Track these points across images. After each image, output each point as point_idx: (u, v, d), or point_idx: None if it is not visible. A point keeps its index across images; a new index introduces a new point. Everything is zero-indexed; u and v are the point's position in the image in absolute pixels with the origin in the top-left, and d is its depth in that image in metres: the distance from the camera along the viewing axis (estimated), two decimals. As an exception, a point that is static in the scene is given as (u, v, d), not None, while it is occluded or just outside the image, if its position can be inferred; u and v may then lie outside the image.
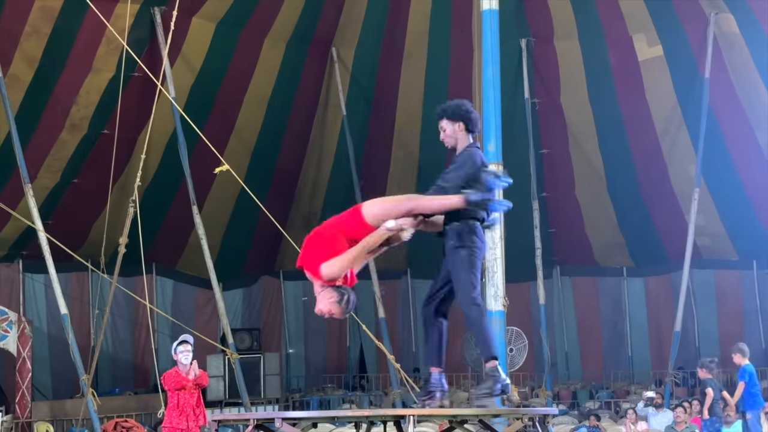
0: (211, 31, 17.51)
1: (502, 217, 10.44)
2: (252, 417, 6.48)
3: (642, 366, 21.52)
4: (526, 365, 17.64)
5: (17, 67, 16.03)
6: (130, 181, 15.05)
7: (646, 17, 18.17)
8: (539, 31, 18.93)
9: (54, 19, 15.83)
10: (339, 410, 6.71)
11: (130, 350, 20.41)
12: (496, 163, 11.50)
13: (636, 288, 22.04)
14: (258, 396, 18.40)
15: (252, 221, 19.31)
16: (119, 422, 13.72)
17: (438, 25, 18.91)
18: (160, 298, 20.52)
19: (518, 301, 19.74)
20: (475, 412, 6.55)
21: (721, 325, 20.96)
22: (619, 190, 20.33)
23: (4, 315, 16.35)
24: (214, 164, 12.75)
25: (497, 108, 11.60)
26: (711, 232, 19.84)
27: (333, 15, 18.77)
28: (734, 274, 20.86)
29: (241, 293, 22.19)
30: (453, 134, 6.40)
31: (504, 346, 11.44)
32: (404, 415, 6.18)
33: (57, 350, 18.02)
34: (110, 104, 16.27)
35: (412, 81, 19.63)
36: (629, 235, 21.11)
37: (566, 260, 22.01)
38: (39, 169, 17.03)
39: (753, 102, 18.19)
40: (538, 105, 19.31)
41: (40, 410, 16.49)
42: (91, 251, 15.87)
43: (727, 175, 19.00)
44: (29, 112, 16.43)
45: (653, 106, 19.13)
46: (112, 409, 16.36)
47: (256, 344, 19.35)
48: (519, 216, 17.92)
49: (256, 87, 18.73)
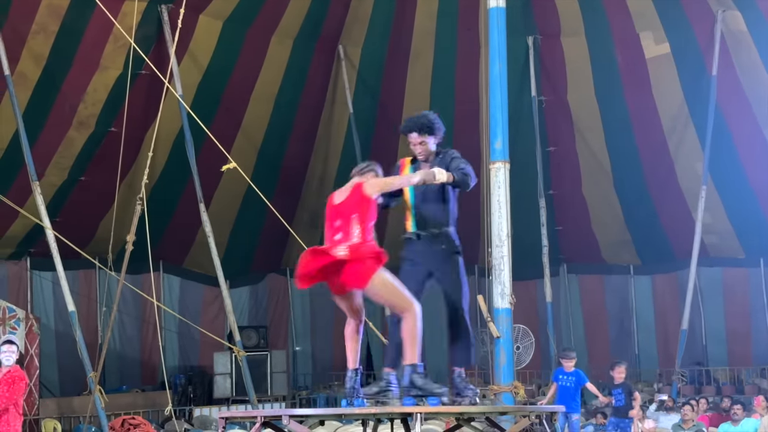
0: (219, 29, 17.51)
1: (509, 215, 10.45)
2: (259, 414, 6.50)
3: (649, 364, 21.48)
4: (532, 363, 17.67)
5: (24, 65, 16.05)
6: (137, 179, 15.08)
7: (653, 15, 18.14)
8: (546, 29, 18.91)
9: (61, 16, 15.85)
10: (346, 408, 6.71)
11: (137, 347, 20.44)
12: (502, 161, 11.51)
13: (643, 286, 22.01)
14: (265, 393, 18.43)
15: (259, 219, 19.33)
16: (127, 419, 13.77)
17: (445, 23, 18.90)
18: (167, 296, 20.56)
19: (525, 298, 19.73)
20: (483, 409, 6.58)
21: (728, 322, 20.92)
22: (626, 187, 20.30)
23: (12, 312, 16.40)
24: (221, 162, 12.75)
25: (504, 105, 11.57)
26: (718, 229, 19.80)
27: (340, 12, 18.77)
28: (741, 271, 20.81)
29: (248, 291, 22.21)
30: (430, 146, 7.00)
31: (511, 343, 11.43)
32: (411, 413, 6.19)
33: (64, 347, 18.04)
34: (117, 102, 16.29)
35: (419, 78, 19.62)
36: (636, 232, 21.09)
37: (573, 258, 21.99)
38: (46, 167, 17.06)
39: (760, 100, 18.15)
40: (544, 102, 19.29)
41: (48, 407, 16.52)
42: (98, 249, 15.91)
43: (734, 173, 18.97)
44: (37, 110, 16.46)
45: (660, 103, 19.09)
46: (120, 406, 16.40)
47: (263, 342, 19.37)
48: (526, 214, 18.16)
49: (263, 84, 18.74)
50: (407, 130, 7.04)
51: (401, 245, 6.99)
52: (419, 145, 6.97)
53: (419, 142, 6.96)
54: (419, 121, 7.00)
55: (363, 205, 6.62)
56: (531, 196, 18.60)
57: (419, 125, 6.99)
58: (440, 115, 7.14)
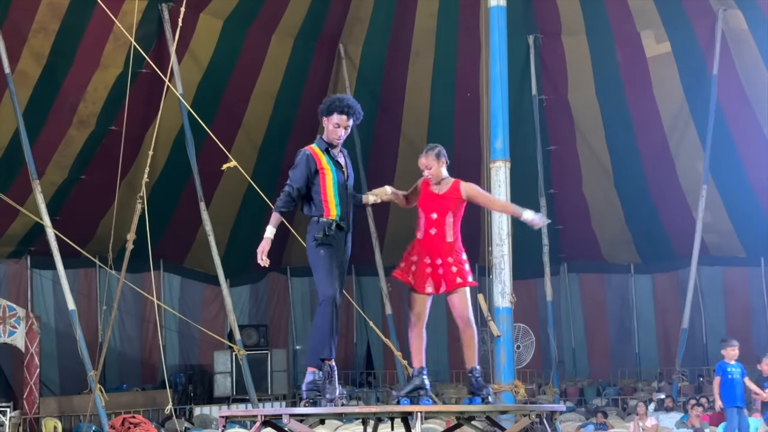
0: (219, 28, 17.51)
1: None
2: (259, 413, 6.49)
3: (649, 363, 21.50)
4: (533, 362, 17.67)
5: (25, 63, 16.05)
6: (137, 178, 15.06)
7: (654, 14, 18.13)
8: (547, 28, 18.90)
9: (62, 15, 15.85)
10: (346, 407, 6.70)
11: (137, 346, 20.45)
12: (503, 160, 11.51)
13: (643, 285, 22.03)
14: (265, 392, 18.42)
15: (259, 217, 19.29)
16: (127, 418, 13.73)
17: (445, 22, 18.89)
18: (167, 294, 20.56)
19: (525, 297, 19.76)
20: (483, 408, 6.57)
21: (728, 322, 20.95)
22: (627, 186, 20.31)
23: (12, 311, 16.39)
24: (221, 160, 12.72)
25: (505, 104, 11.59)
26: (718, 229, 19.81)
27: (340, 11, 18.77)
28: (742, 271, 20.84)
29: (249, 289, 22.21)
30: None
31: (511, 342, 11.43)
32: (411, 412, 6.18)
33: (65, 346, 18.05)
34: (118, 100, 16.29)
35: (419, 77, 19.61)
36: (636, 231, 21.10)
37: (573, 257, 22.00)
38: (47, 166, 17.06)
39: (761, 99, 18.15)
40: (545, 101, 19.29)
41: (48, 406, 16.52)
42: (98, 247, 15.90)
43: (734, 172, 18.97)
44: (37, 108, 16.46)
45: (661, 102, 19.09)
46: (120, 405, 16.40)
47: (264, 340, 19.36)
48: (526, 213, 18.12)
49: (264, 83, 18.73)
50: (348, 110, 6.62)
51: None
52: (346, 130, 6.75)
53: (346, 126, 6.67)
54: (355, 106, 6.67)
55: (458, 205, 6.65)
56: (531, 195, 18.56)
57: (356, 109, 6.66)
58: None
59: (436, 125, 19.82)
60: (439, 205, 6.62)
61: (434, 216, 6.60)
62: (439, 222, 6.59)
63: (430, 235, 6.60)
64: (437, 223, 6.59)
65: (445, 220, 6.60)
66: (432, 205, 6.63)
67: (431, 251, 6.59)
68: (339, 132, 6.61)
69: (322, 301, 6.40)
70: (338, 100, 6.64)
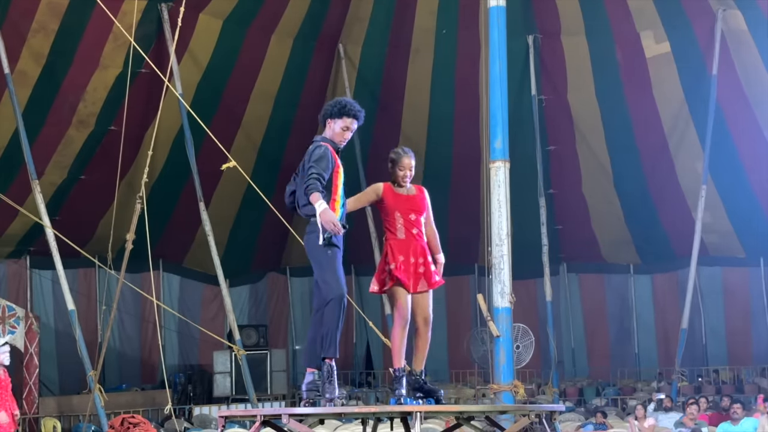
0: (218, 28, 17.51)
1: (509, 214, 10.40)
2: (259, 413, 6.49)
3: (649, 363, 21.50)
4: (532, 362, 17.65)
5: (24, 63, 16.05)
6: (137, 178, 15.06)
7: (653, 14, 18.13)
8: (546, 28, 18.90)
9: (61, 15, 15.84)
10: (346, 407, 6.69)
11: (137, 346, 20.44)
12: (502, 160, 11.51)
13: (643, 285, 22.03)
14: (265, 392, 18.42)
15: (259, 217, 19.32)
16: (126, 418, 13.72)
17: (445, 22, 18.89)
18: (166, 294, 20.56)
19: (525, 297, 19.76)
20: (482, 408, 6.57)
21: (728, 322, 20.95)
22: (626, 187, 20.30)
23: (11, 311, 16.38)
24: (220, 160, 12.73)
25: (504, 104, 11.58)
26: (718, 229, 19.81)
27: (340, 11, 18.77)
28: (741, 271, 20.84)
29: (248, 289, 22.21)
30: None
31: (510, 342, 11.42)
32: (411, 412, 6.19)
33: (64, 346, 18.04)
34: (117, 100, 16.27)
35: (419, 77, 19.61)
36: (636, 232, 21.10)
37: (573, 257, 22.00)
38: (46, 166, 17.06)
39: (760, 99, 18.15)
40: (545, 102, 19.28)
41: (48, 406, 16.52)
42: (98, 247, 15.90)
43: (734, 173, 18.97)
44: (36, 108, 16.46)
45: (660, 103, 19.09)
46: (119, 404, 16.39)
47: (263, 340, 19.36)
48: (526, 213, 18.15)
49: (263, 83, 18.73)
50: (359, 115, 6.67)
51: None
52: (352, 133, 6.77)
53: (353, 130, 6.73)
54: (359, 109, 6.73)
55: (427, 209, 6.90)
56: (531, 195, 18.58)
57: (361, 113, 6.73)
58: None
59: (435, 125, 19.83)
60: (415, 207, 6.82)
61: (413, 217, 6.79)
62: (418, 222, 6.79)
63: (412, 235, 6.76)
64: (417, 223, 6.79)
65: (420, 220, 6.81)
66: (407, 206, 6.80)
67: (416, 251, 6.74)
68: (346, 135, 6.74)
69: (331, 300, 6.44)
70: (350, 104, 6.73)
